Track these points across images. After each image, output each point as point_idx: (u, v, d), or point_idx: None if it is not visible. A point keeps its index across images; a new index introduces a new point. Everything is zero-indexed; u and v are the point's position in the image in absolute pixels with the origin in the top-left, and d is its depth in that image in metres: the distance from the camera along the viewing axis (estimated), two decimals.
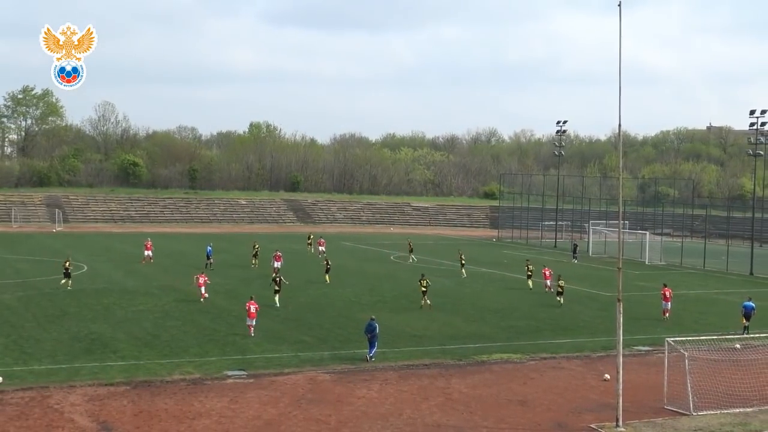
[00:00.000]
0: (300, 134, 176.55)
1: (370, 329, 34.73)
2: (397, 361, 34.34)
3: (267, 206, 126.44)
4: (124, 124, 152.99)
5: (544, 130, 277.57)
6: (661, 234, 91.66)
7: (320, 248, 76.63)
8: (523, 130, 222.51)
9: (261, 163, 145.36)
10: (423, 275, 49.94)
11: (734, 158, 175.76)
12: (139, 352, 34.49)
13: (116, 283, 54.46)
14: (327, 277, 57.48)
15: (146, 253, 67.13)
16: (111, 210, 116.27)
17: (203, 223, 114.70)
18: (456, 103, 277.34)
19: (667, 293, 47.47)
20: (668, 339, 30.01)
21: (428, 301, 47.72)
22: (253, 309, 38.62)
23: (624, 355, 27.91)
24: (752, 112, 75.67)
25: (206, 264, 62.93)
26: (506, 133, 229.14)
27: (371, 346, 34.61)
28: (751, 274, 71.22)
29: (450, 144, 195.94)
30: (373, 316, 35.92)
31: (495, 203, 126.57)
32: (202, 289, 48.26)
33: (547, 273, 57.34)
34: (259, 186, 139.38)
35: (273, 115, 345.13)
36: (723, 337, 35.08)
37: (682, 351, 28.85)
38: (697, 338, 31.66)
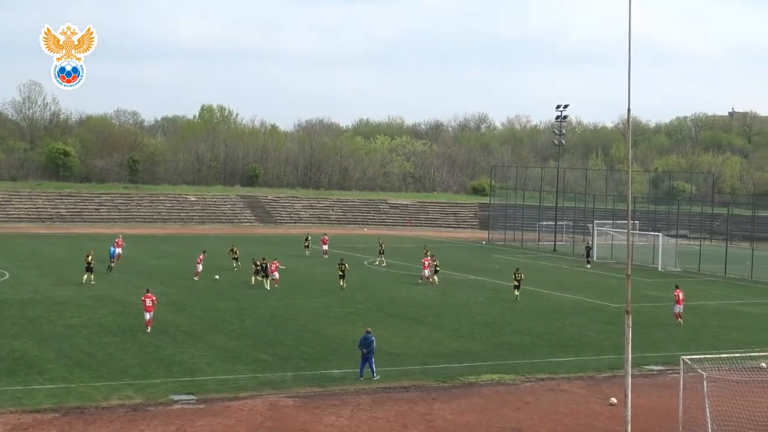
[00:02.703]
0: (259, 120, 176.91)
1: (366, 343, 35.14)
2: (371, 383, 34.37)
3: (220, 203, 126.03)
4: (53, 108, 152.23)
5: (541, 115, 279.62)
6: (677, 236, 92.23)
7: (324, 247, 79.94)
8: (518, 115, 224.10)
9: (213, 154, 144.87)
10: (342, 259, 61.42)
11: (760, 148, 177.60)
12: (70, 374, 34.28)
13: (43, 293, 54.15)
14: (343, 284, 59.04)
15: (117, 250, 69.44)
16: (37, 207, 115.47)
17: (146, 223, 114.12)
18: (440, 84, 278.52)
19: (680, 295, 49.75)
20: (684, 357, 30.20)
21: (343, 285, 58.17)
22: (149, 302, 42.67)
23: (633, 376, 28.05)
24: None
25: (108, 267, 63.59)
26: (498, 119, 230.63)
27: (365, 362, 35.06)
28: None
29: (433, 131, 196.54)
30: (369, 329, 36.23)
31: (485, 200, 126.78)
32: (275, 274, 58.90)
33: (426, 263, 63.69)
34: (212, 180, 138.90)
35: (228, 97, 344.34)
36: (747, 354, 35.34)
37: (699, 371, 29.03)
38: (717, 356, 31.86)
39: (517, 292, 57.13)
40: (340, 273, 59.31)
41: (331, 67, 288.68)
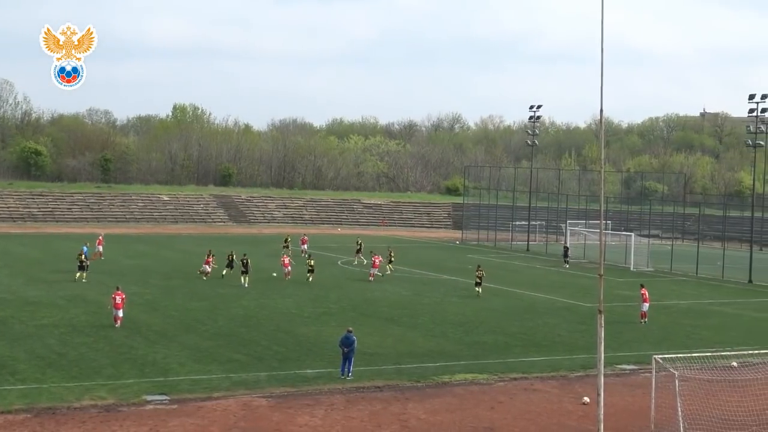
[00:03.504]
0: (232, 119, 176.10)
1: (347, 342, 35.26)
2: (345, 382, 34.37)
3: (193, 203, 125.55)
4: (24, 107, 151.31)
5: (515, 115, 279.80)
6: (649, 236, 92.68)
7: (303, 246, 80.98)
8: (491, 115, 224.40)
9: (186, 153, 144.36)
10: (310, 255, 68.24)
11: (731, 149, 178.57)
12: (42, 374, 34.07)
13: (15, 293, 53.74)
14: (310, 277, 62.50)
15: (98, 248, 72.23)
16: (9, 207, 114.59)
17: (118, 223, 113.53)
18: (414, 84, 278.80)
19: (646, 293, 50.43)
20: (656, 356, 30.36)
21: (310, 278, 61.89)
22: (119, 299, 43.83)
23: (606, 375, 28.17)
24: (752, 97, 76.82)
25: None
26: (472, 119, 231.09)
27: (345, 361, 35.17)
28: (750, 281, 72.33)
29: (407, 131, 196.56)
30: (350, 328, 36.33)
31: (458, 200, 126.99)
32: (288, 268, 63.06)
33: (377, 261, 65.59)
34: (185, 179, 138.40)
35: (201, 96, 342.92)
36: (718, 354, 35.59)
37: (671, 370, 29.19)
38: (689, 355, 32.07)
39: (478, 289, 58.51)
40: (309, 268, 62.77)
41: (305, 66, 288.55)
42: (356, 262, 74.79)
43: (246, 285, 58.68)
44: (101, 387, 32.37)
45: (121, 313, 43.89)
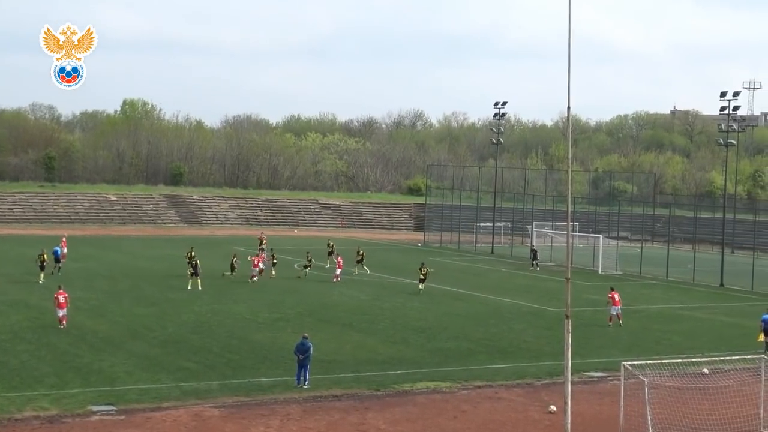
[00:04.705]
0: (184, 115, 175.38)
1: (302, 349, 35.26)
2: (301, 391, 34.30)
3: (142, 203, 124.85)
4: None
5: (479, 113, 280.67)
6: (617, 238, 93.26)
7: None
8: (455, 112, 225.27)
9: (135, 151, 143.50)
10: (272, 249, 71.67)
11: (702, 148, 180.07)
12: None
13: None
14: (273, 271, 66.87)
15: (63, 250, 72.04)
16: None
17: (63, 224, 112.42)
18: (375, 79, 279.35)
19: (616, 296, 51.02)
20: (625, 363, 30.52)
21: (273, 273, 66.37)
22: (62, 299, 44.40)
23: (573, 383, 28.31)
24: (723, 94, 77.51)
25: (56, 268, 63.75)
26: (434, 116, 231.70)
27: (301, 369, 35.17)
28: (722, 285, 72.93)
29: (367, 129, 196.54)
30: (306, 334, 36.24)
31: (421, 200, 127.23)
32: (261, 265, 65.12)
33: (340, 261, 68.08)
34: (133, 179, 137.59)
35: (151, 91, 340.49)
36: (688, 360, 35.85)
37: (640, 377, 29.37)
38: (659, 362, 32.27)
39: (421, 286, 61.33)
40: (274, 261, 67.19)
41: (261, 60, 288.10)
42: (328, 266, 74.30)
43: (200, 288, 58.54)
44: (44, 397, 32.09)
45: (64, 313, 44.34)
